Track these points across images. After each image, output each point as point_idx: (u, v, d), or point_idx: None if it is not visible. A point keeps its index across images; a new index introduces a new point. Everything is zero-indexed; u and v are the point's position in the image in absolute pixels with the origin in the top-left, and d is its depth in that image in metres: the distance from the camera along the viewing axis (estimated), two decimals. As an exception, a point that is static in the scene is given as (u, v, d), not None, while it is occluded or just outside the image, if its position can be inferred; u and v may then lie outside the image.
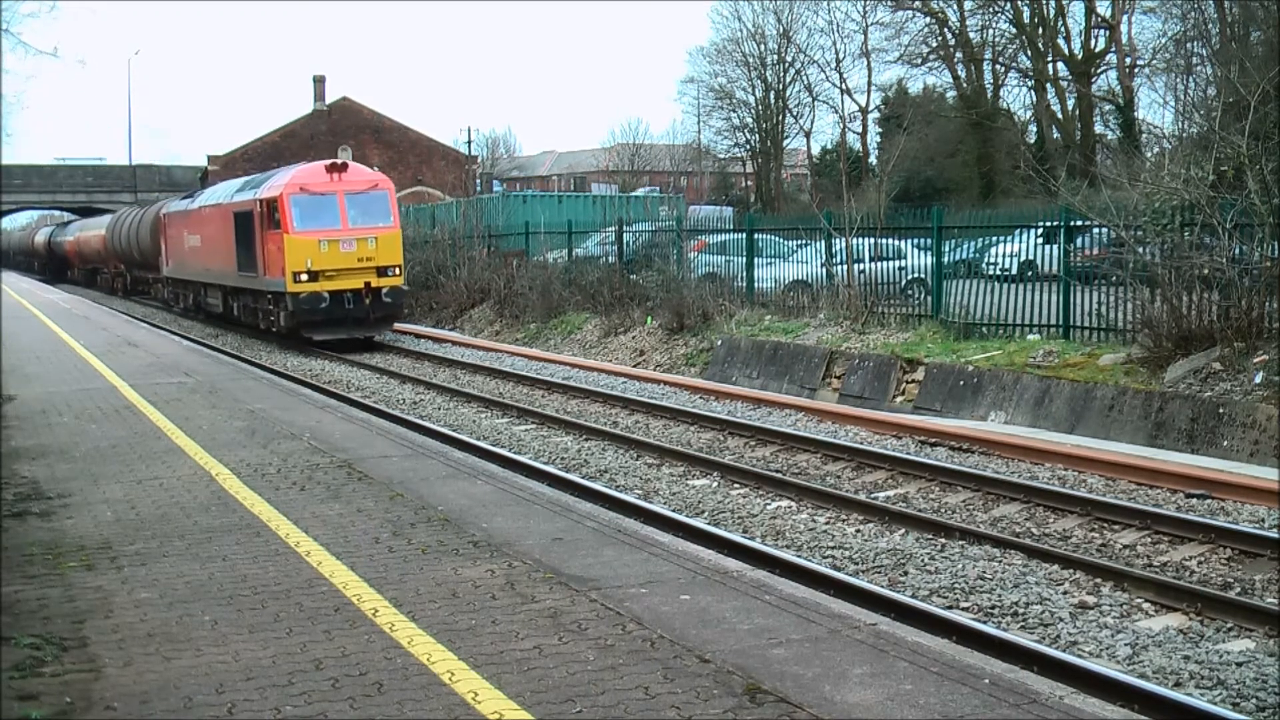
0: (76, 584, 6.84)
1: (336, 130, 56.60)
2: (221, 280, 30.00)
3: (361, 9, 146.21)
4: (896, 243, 21.88)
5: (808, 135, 60.95)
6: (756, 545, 9.28)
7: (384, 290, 24.75)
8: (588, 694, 5.08)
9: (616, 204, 39.56)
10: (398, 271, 25.22)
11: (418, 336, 27.89)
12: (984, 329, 18.11)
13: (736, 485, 11.81)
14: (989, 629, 7.33)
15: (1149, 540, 9.49)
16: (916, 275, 21.27)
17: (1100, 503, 10.30)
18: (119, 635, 5.96)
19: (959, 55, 49.12)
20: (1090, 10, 44.01)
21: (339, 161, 25.90)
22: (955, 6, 47.87)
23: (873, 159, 53.85)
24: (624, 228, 28.51)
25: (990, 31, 48.56)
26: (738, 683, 5.17)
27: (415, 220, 37.98)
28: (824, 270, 22.19)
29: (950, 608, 7.91)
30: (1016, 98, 53.55)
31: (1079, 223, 17.33)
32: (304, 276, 24.08)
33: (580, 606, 6.25)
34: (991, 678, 5.23)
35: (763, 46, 58.69)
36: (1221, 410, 12.81)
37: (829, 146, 61.63)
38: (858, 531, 9.99)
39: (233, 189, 29.63)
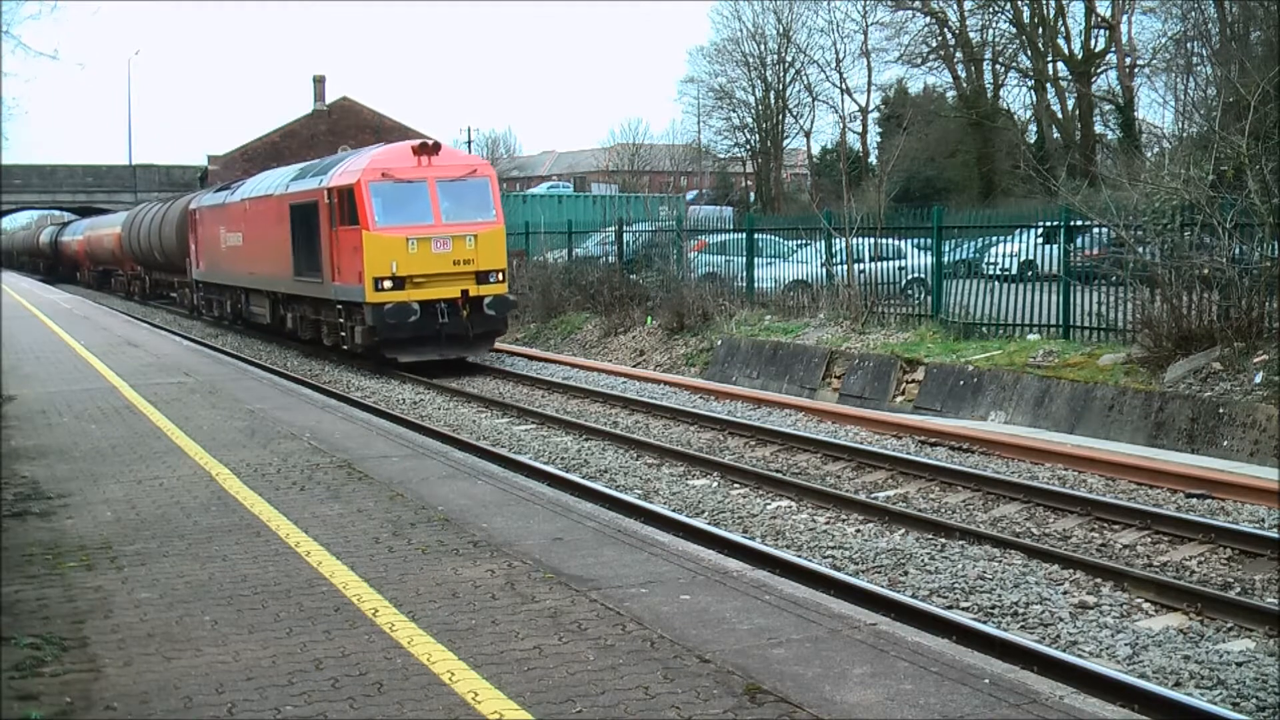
0: (76, 584, 6.84)
1: (336, 130, 56.54)
2: (271, 286, 25.62)
3: (361, 9, 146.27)
4: (896, 243, 21.90)
5: (808, 135, 61.00)
6: (756, 545, 9.28)
7: (486, 300, 20.23)
8: (588, 694, 5.08)
9: (616, 204, 39.57)
10: (501, 277, 20.59)
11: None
12: (984, 329, 18.11)
13: (736, 485, 11.81)
14: (989, 629, 7.33)
15: (1149, 540, 9.49)
16: (916, 275, 21.28)
17: (1100, 503, 10.30)
18: (119, 635, 5.96)
19: (959, 55, 49.14)
20: (1090, 10, 44.03)
21: (429, 141, 20.68)
22: (955, 6, 47.90)
23: (873, 159, 53.85)
24: (624, 228, 28.52)
25: (990, 31, 48.61)
26: (738, 683, 5.17)
27: None
28: (824, 270, 22.19)
29: (950, 608, 7.91)
30: (1016, 98, 53.68)
31: (1079, 223, 17.34)
32: (387, 283, 19.59)
33: (580, 606, 6.25)
34: (991, 678, 5.23)
35: (763, 46, 58.72)
36: (1221, 410, 12.81)
37: (829, 146, 61.66)
38: (858, 531, 9.99)
39: (287, 177, 25.19)
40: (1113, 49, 43.38)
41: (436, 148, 20.52)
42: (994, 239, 20.43)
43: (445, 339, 20.11)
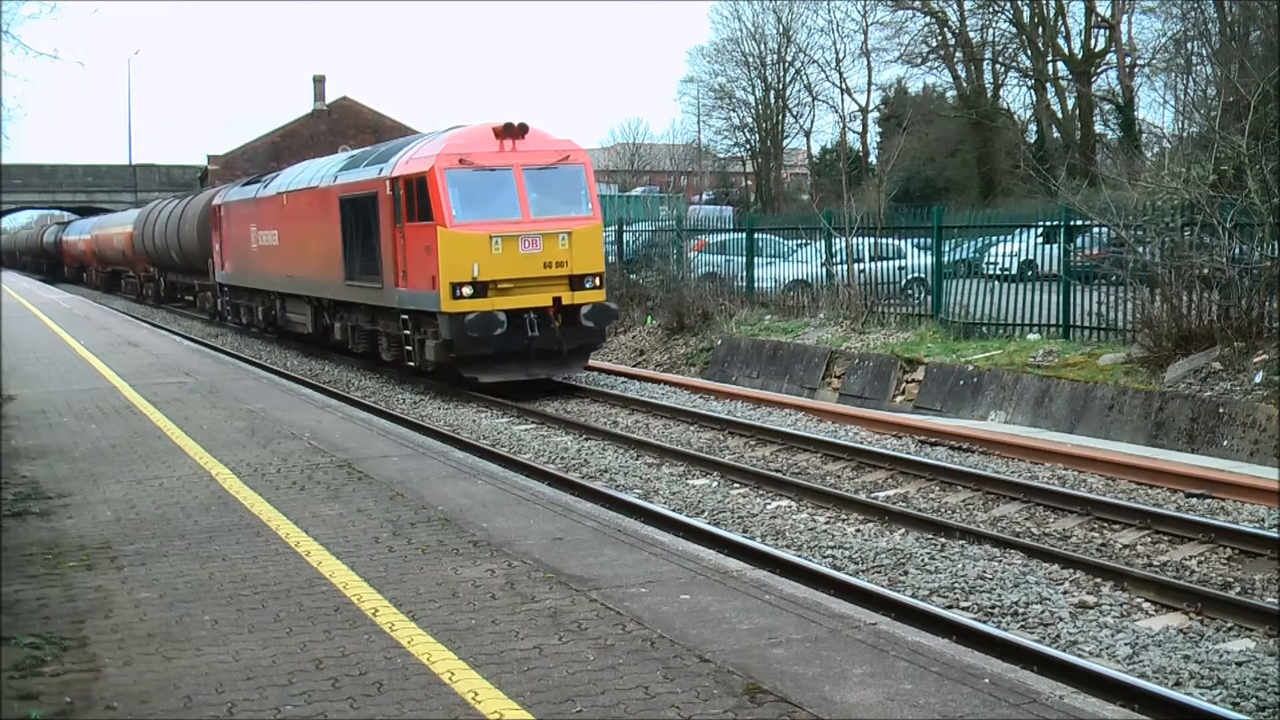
0: (76, 584, 6.84)
1: (336, 130, 56.55)
2: (315, 291, 22.53)
3: (361, 9, 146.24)
4: (896, 242, 21.92)
5: (808, 135, 60.95)
6: (756, 545, 9.28)
7: (583, 309, 17.23)
8: (588, 694, 5.08)
9: (616, 204, 39.56)
10: (599, 281, 17.55)
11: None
12: (984, 329, 18.11)
13: (736, 485, 11.81)
14: (989, 629, 7.33)
15: (1149, 540, 9.49)
16: (916, 275, 21.29)
17: (1100, 502, 10.29)
18: (119, 635, 5.96)
19: (959, 55, 49.10)
20: (1090, 10, 44.00)
21: (514, 123, 17.50)
22: (955, 6, 47.86)
23: (873, 159, 53.83)
24: (624, 227, 28.51)
25: (990, 31, 48.56)
26: (738, 682, 5.17)
27: None
28: (824, 270, 22.21)
29: (950, 607, 7.91)
30: (1016, 97, 53.56)
31: (1079, 222, 17.35)
32: (466, 290, 16.60)
33: (580, 606, 6.25)
34: (991, 677, 5.23)
35: (763, 46, 58.67)
36: (1221, 410, 12.81)
37: (829, 146, 61.63)
38: (858, 531, 9.99)
39: (334, 166, 22.03)
40: (1113, 49, 43.37)
41: (523, 129, 17.49)
42: (994, 239, 20.44)
43: (535, 355, 17.12)
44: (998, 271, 19.35)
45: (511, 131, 17.35)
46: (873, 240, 21.34)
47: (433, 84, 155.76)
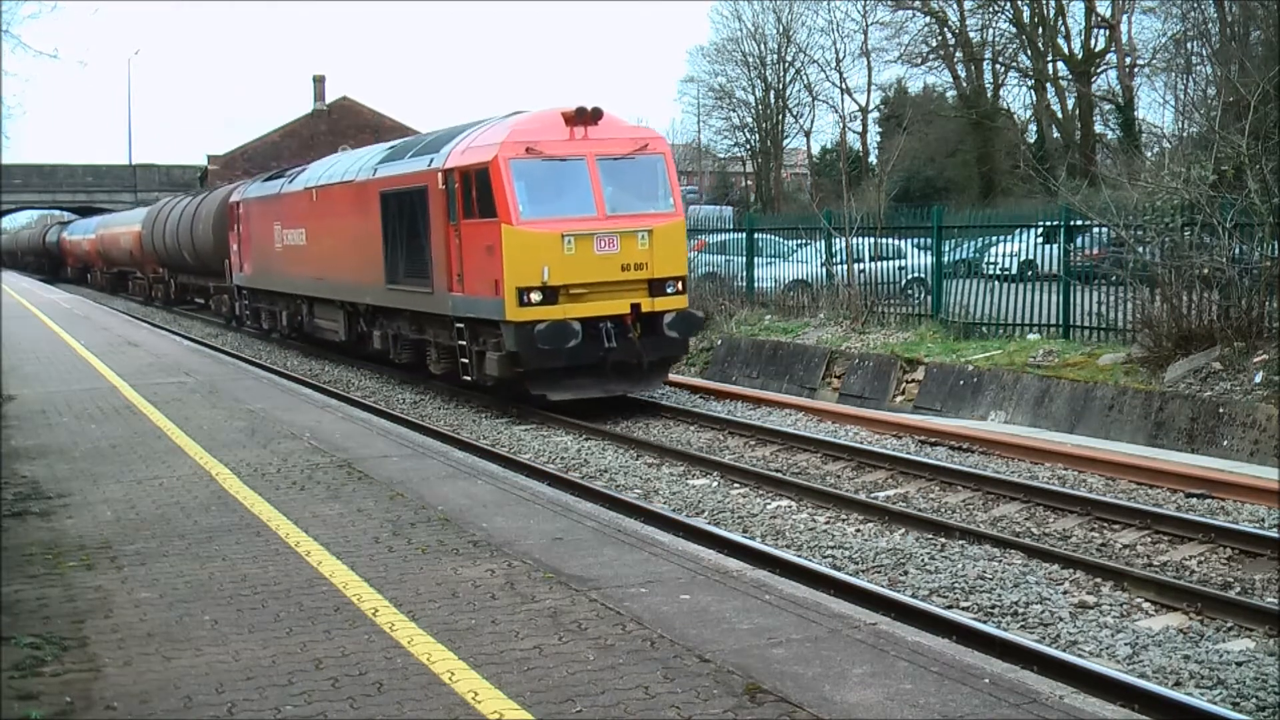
0: (76, 584, 6.84)
1: (336, 130, 56.57)
2: (350, 295, 20.55)
3: (361, 9, 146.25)
4: (896, 242, 21.93)
5: (808, 135, 60.92)
6: (756, 545, 9.28)
7: (665, 317, 15.33)
8: (588, 694, 5.08)
9: None
10: (682, 286, 15.68)
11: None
12: (984, 329, 18.12)
13: (736, 485, 11.81)
14: (989, 629, 7.33)
15: (1149, 540, 9.49)
16: (916, 275, 21.30)
17: (1100, 502, 10.29)
18: (119, 635, 5.96)
19: (959, 55, 49.09)
20: (1090, 10, 43.99)
21: (587, 107, 15.50)
22: (955, 6, 47.84)
23: (873, 159, 53.79)
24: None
25: (990, 31, 48.54)
26: (738, 682, 5.17)
27: None
28: (824, 270, 22.22)
29: (950, 607, 7.91)
30: (1016, 97, 53.53)
31: (1079, 222, 17.36)
32: (535, 295, 14.70)
33: (580, 606, 6.25)
34: (991, 677, 5.23)
35: (763, 46, 58.64)
36: (1221, 410, 12.81)
37: (829, 146, 61.60)
38: (858, 531, 9.99)
39: (372, 158, 19.98)
40: (1113, 49, 43.36)
41: (597, 114, 15.51)
42: (994, 239, 20.45)
43: (611, 368, 15.28)
44: (998, 271, 19.36)
45: (584, 117, 15.42)
46: (873, 240, 21.34)
47: (433, 84, 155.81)
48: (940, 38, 49.21)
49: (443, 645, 5.68)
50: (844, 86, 55.84)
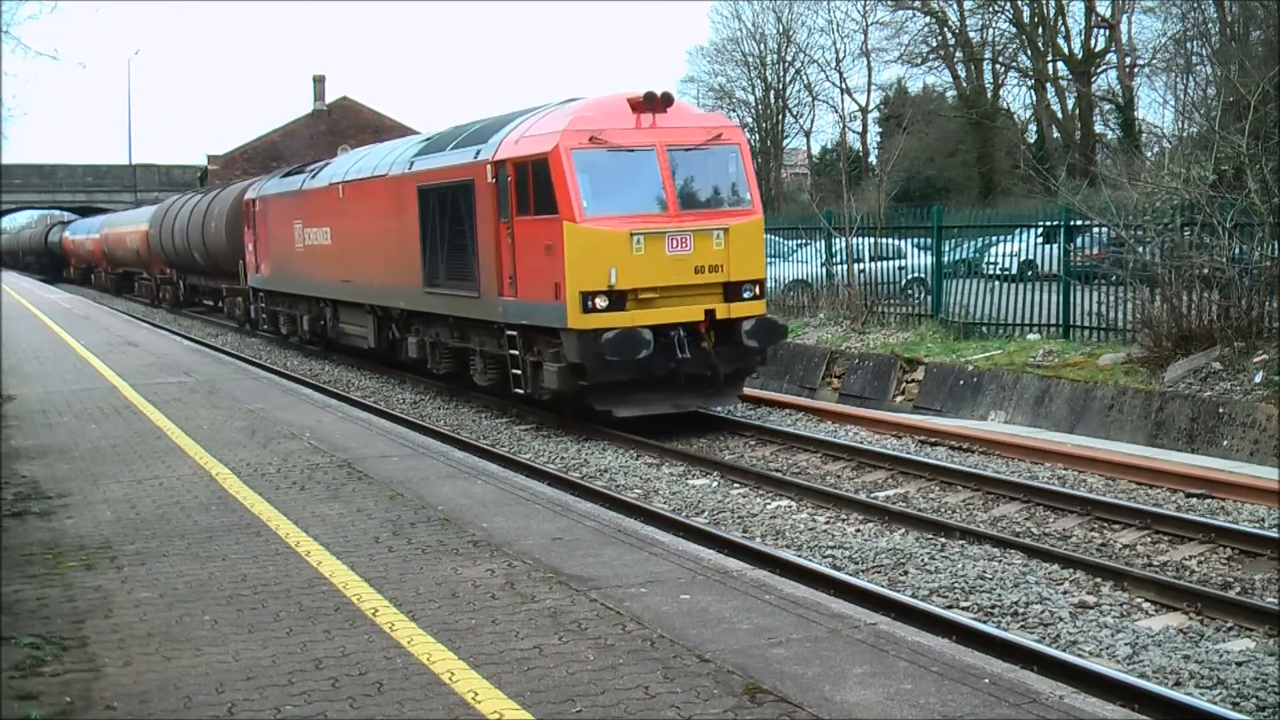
0: (76, 584, 6.84)
1: (336, 130, 56.59)
2: (382, 299, 18.95)
3: (361, 9, 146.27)
4: (896, 242, 21.93)
5: (808, 135, 60.94)
6: (756, 545, 9.28)
7: (743, 325, 14.03)
8: (588, 694, 5.07)
9: None
10: (759, 290, 14.29)
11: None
12: (984, 329, 18.13)
13: (736, 485, 11.81)
14: (989, 629, 7.33)
15: (1149, 540, 9.49)
16: (916, 275, 21.31)
17: (1100, 502, 10.29)
18: (119, 635, 5.96)
19: (959, 55, 49.10)
20: (1090, 10, 44.00)
21: (656, 93, 14.07)
22: (955, 6, 47.85)
23: (873, 159, 53.80)
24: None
25: (990, 31, 48.56)
26: (738, 682, 5.17)
27: None
28: (824, 270, 22.22)
29: (950, 607, 7.90)
30: (1016, 97, 53.55)
31: (1079, 222, 17.36)
32: (600, 300, 13.33)
33: (580, 606, 6.25)
34: (991, 677, 5.23)
35: (762, 46, 58.65)
36: (1221, 410, 12.81)
37: (829, 146, 61.62)
38: (858, 531, 9.98)
39: (407, 150, 18.32)
40: (1113, 49, 43.37)
41: (667, 100, 14.15)
42: (994, 239, 20.46)
43: (685, 381, 13.88)
44: (998, 271, 19.37)
45: (653, 103, 13.98)
46: (873, 240, 21.35)
47: (433, 84, 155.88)
48: (940, 38, 49.22)
49: (443, 645, 5.68)
50: (844, 86, 55.88)
